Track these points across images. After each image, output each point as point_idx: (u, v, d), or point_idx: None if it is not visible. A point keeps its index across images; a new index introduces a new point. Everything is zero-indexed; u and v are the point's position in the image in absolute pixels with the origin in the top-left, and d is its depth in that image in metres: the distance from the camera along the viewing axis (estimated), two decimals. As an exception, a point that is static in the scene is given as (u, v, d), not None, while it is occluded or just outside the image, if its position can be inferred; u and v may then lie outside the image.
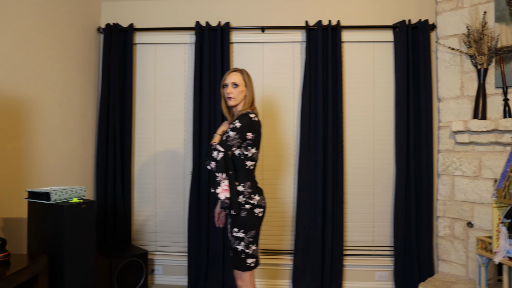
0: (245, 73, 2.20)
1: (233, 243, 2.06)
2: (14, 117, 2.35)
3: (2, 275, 1.65)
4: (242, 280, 2.08)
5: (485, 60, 2.71)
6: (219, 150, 2.01)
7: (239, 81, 2.14)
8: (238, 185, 2.07)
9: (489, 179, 2.72)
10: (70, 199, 2.19)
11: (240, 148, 2.08)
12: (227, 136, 2.03)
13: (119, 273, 2.81)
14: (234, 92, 2.13)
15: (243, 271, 2.06)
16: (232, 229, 2.06)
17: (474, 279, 2.81)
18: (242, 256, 2.05)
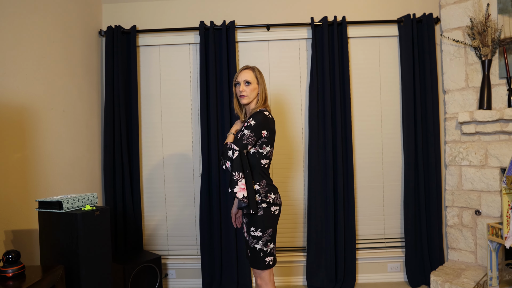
0: (257, 70, 2.10)
1: (251, 243, 1.98)
2: (18, 126, 2.18)
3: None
4: (261, 279, 2.00)
5: (489, 52, 2.67)
6: (234, 149, 1.92)
7: (251, 79, 2.04)
8: (254, 184, 1.98)
9: (496, 167, 2.70)
10: (82, 206, 2.07)
11: (255, 146, 1.99)
12: (242, 135, 1.94)
13: (133, 279, 2.66)
14: (247, 90, 2.03)
15: (262, 270, 1.98)
16: (249, 228, 1.99)
17: (483, 265, 2.79)
18: (260, 255, 1.97)
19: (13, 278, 1.67)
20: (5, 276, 1.67)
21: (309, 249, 2.99)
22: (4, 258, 1.70)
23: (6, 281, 1.64)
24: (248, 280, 2.99)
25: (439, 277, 2.68)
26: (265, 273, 1.99)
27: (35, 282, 1.63)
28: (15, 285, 1.59)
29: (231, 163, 1.91)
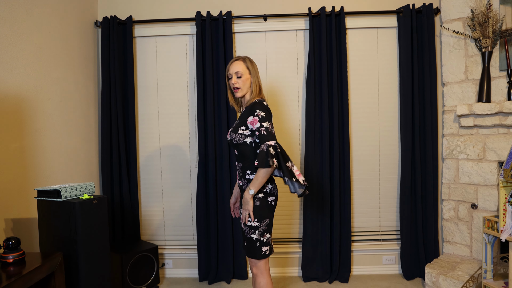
0: (248, 60, 2.13)
1: (247, 233, 2.06)
2: (16, 116, 2.30)
3: (18, 274, 1.66)
4: (257, 268, 2.10)
5: (490, 43, 2.72)
6: (272, 145, 1.95)
7: (242, 70, 2.08)
8: (251, 174, 2.08)
9: (493, 161, 2.77)
10: (80, 195, 2.19)
11: (251, 136, 2.06)
12: (265, 129, 1.96)
13: (131, 268, 2.81)
14: (239, 82, 2.08)
15: (258, 260, 2.07)
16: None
17: (478, 259, 2.89)
18: (257, 245, 2.05)
19: (14, 264, 1.78)
20: (6, 261, 1.78)
21: (305, 240, 3.11)
22: (5, 245, 1.81)
23: (7, 266, 1.75)
24: (244, 270, 3.14)
25: (433, 269, 2.80)
26: (261, 263, 2.09)
27: (35, 268, 1.74)
28: (16, 270, 1.70)
29: (277, 158, 1.96)
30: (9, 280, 1.58)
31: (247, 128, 2.03)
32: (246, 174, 2.09)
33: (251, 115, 2.00)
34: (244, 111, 2.10)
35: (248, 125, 2.02)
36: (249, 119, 2.01)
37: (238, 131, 2.05)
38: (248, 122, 2.02)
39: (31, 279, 1.72)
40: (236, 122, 2.10)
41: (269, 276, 2.12)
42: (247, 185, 2.08)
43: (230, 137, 2.10)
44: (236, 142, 2.07)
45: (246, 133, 2.04)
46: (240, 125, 2.06)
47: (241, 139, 2.05)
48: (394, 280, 3.09)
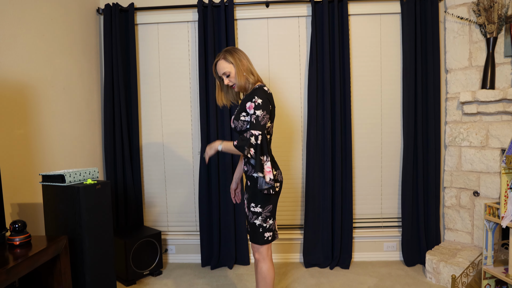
0: (228, 53, 2.07)
1: (251, 218, 2.09)
2: (20, 103, 2.35)
3: (25, 256, 1.71)
4: (259, 254, 2.13)
5: (495, 29, 2.71)
6: (256, 134, 1.95)
7: (227, 69, 2.06)
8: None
9: (496, 148, 2.78)
10: (84, 180, 2.24)
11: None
12: (256, 117, 1.95)
13: (134, 254, 2.88)
14: (232, 80, 2.08)
15: (261, 245, 2.11)
16: (250, 204, 2.08)
17: (479, 246, 2.92)
18: (260, 231, 2.08)
19: (20, 246, 1.84)
20: (13, 244, 1.85)
21: (306, 227, 3.16)
22: (11, 228, 1.88)
23: (14, 248, 1.82)
24: (246, 256, 3.20)
25: (434, 256, 2.84)
26: (263, 248, 2.12)
27: (41, 250, 1.81)
28: (22, 252, 1.76)
29: (255, 149, 1.96)
30: (16, 261, 1.64)
31: (247, 114, 2.03)
32: (250, 159, 2.09)
33: (249, 100, 2.01)
34: (244, 98, 2.11)
35: (247, 111, 2.02)
36: (247, 104, 2.02)
37: (240, 118, 2.05)
38: (247, 108, 2.02)
39: (37, 261, 1.78)
40: (237, 109, 2.12)
41: (271, 261, 2.15)
42: (251, 171, 2.08)
43: (233, 125, 2.10)
44: (240, 129, 2.07)
45: (247, 119, 2.04)
46: (241, 111, 2.06)
47: (244, 125, 2.05)
48: (395, 267, 3.13)
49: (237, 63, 2.05)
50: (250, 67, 2.10)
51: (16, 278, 1.63)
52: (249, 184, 2.11)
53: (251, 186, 2.09)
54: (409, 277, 2.93)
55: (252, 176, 2.08)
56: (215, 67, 2.12)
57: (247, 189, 2.14)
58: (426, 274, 2.90)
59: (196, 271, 3.16)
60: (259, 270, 2.14)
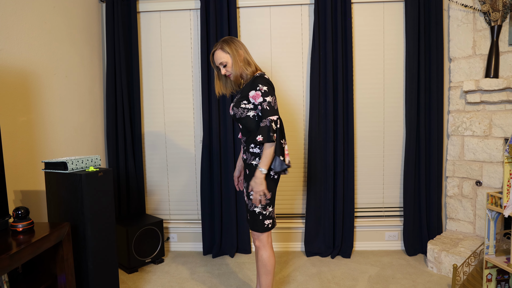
0: (225, 44, 2.07)
1: (250, 206, 2.10)
2: (23, 90, 2.33)
3: (28, 242, 1.71)
4: (259, 241, 2.14)
5: (499, 17, 2.68)
6: (275, 120, 1.97)
7: (224, 59, 2.07)
8: (254, 147, 2.08)
9: (499, 138, 2.76)
10: (86, 168, 2.23)
11: (254, 110, 2.05)
12: (268, 103, 1.97)
13: (136, 241, 2.88)
14: (228, 70, 2.09)
15: (261, 233, 2.12)
16: (250, 192, 2.08)
17: (481, 236, 2.91)
18: (260, 218, 2.09)
19: (23, 233, 1.84)
20: (16, 230, 1.84)
21: (308, 216, 3.16)
22: (14, 214, 1.87)
23: (17, 235, 1.81)
24: (248, 244, 3.20)
25: (436, 246, 2.83)
26: (264, 236, 2.13)
27: (44, 236, 1.80)
28: (25, 239, 1.75)
29: (275, 133, 1.97)
30: (19, 247, 1.63)
31: (249, 102, 2.03)
32: (250, 147, 2.09)
33: (253, 89, 2.00)
34: (245, 86, 2.10)
35: (250, 99, 2.02)
36: (251, 93, 2.01)
37: (240, 106, 2.05)
38: (250, 96, 2.02)
39: (40, 247, 1.77)
40: (237, 96, 2.10)
41: (271, 249, 2.16)
42: (250, 159, 2.09)
43: (233, 112, 2.11)
44: (239, 117, 2.08)
45: (248, 106, 2.04)
46: (242, 99, 2.06)
47: (244, 113, 2.05)
48: (396, 256, 3.13)
49: (233, 54, 2.05)
50: (247, 58, 2.10)
51: (19, 264, 1.63)
52: (248, 173, 2.12)
53: (249, 175, 2.10)
54: (411, 267, 2.92)
55: (251, 164, 2.08)
56: (212, 57, 2.14)
57: (246, 177, 2.15)
58: (428, 264, 2.89)
59: (198, 259, 3.17)
60: (260, 257, 2.15)
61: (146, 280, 2.79)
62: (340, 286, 2.63)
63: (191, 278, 2.82)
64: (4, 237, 1.78)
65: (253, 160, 2.08)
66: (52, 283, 1.97)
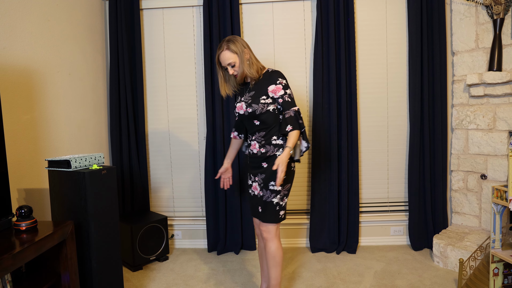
0: (231, 43, 2.04)
1: (268, 197, 2.06)
2: (26, 88, 2.27)
3: (31, 241, 1.66)
4: (269, 233, 2.10)
5: (502, 10, 2.62)
6: (297, 110, 2.04)
7: (232, 59, 2.04)
8: (277, 139, 2.08)
9: (504, 131, 2.70)
10: (90, 166, 2.17)
11: (274, 103, 2.06)
12: (289, 95, 2.04)
13: (141, 239, 2.81)
14: (236, 69, 2.07)
15: (275, 223, 2.09)
16: (268, 183, 2.06)
17: (487, 229, 2.84)
18: (276, 209, 2.07)
19: (26, 231, 1.78)
20: (19, 229, 1.78)
21: (313, 211, 3.08)
22: (17, 213, 1.81)
23: (20, 234, 1.75)
24: (252, 241, 3.13)
25: (441, 240, 2.76)
26: (274, 227, 2.10)
27: (47, 235, 1.74)
28: (29, 237, 1.70)
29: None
30: (22, 246, 1.58)
31: (268, 97, 2.04)
32: (272, 140, 2.08)
33: (272, 83, 2.03)
34: (259, 82, 2.08)
35: (269, 94, 2.04)
36: (270, 87, 2.03)
37: (260, 101, 2.04)
38: (270, 91, 2.03)
39: (43, 246, 1.72)
40: (251, 94, 2.08)
41: (279, 241, 2.14)
42: (273, 150, 2.07)
43: (251, 109, 2.06)
44: (259, 112, 2.05)
45: (268, 101, 2.04)
46: (260, 95, 2.05)
47: (264, 107, 2.04)
48: (402, 251, 3.05)
49: (240, 53, 2.04)
50: (251, 55, 2.10)
51: (23, 263, 1.58)
52: (266, 166, 2.08)
53: (268, 168, 2.07)
54: (416, 261, 2.85)
55: (274, 155, 2.06)
56: (218, 58, 2.10)
57: (262, 170, 2.10)
58: (434, 258, 2.81)
59: (203, 256, 3.09)
60: (268, 249, 2.11)
61: (150, 278, 2.72)
62: (345, 282, 2.56)
63: (196, 275, 2.75)
64: (7, 236, 1.73)
65: (277, 151, 2.07)
66: (56, 282, 1.91)
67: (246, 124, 2.20)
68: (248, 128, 2.19)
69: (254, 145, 2.14)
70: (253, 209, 2.20)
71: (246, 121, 2.16)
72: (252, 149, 2.16)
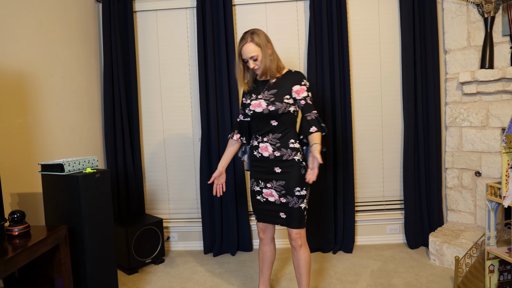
0: (255, 35, 1.93)
1: (295, 203, 1.97)
2: (19, 91, 2.24)
3: (24, 246, 1.63)
4: (302, 238, 2.03)
5: (492, 8, 2.62)
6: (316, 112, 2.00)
7: (255, 52, 1.92)
8: (294, 143, 2.00)
9: (497, 128, 2.69)
10: (83, 169, 2.14)
11: (294, 105, 1.99)
12: (310, 98, 2.00)
13: (136, 242, 2.77)
14: (258, 64, 1.95)
15: (303, 228, 2.02)
16: (293, 189, 1.97)
17: (482, 226, 2.82)
18: (304, 214, 2.00)
19: (19, 237, 1.75)
20: (12, 234, 1.75)
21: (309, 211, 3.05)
22: (10, 218, 1.78)
23: (13, 239, 1.72)
24: (248, 242, 3.10)
25: (437, 238, 2.74)
26: (304, 232, 2.04)
27: (40, 240, 1.71)
28: (21, 243, 1.67)
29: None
30: (15, 252, 1.55)
31: (291, 97, 1.96)
32: (289, 143, 1.99)
33: (297, 84, 1.97)
34: (281, 81, 2.00)
35: (292, 94, 1.97)
36: (295, 87, 1.97)
37: (283, 100, 1.94)
38: (294, 91, 1.97)
39: (36, 251, 1.69)
40: (272, 92, 1.97)
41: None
42: (291, 154, 1.98)
43: (273, 107, 1.93)
44: (282, 112, 1.94)
45: (290, 102, 1.96)
46: (284, 93, 1.96)
47: (287, 108, 1.95)
48: (398, 249, 3.03)
49: (263, 46, 1.93)
50: (273, 51, 2.00)
51: (15, 268, 1.55)
52: (281, 171, 1.99)
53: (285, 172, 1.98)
54: (413, 260, 2.83)
55: (293, 160, 1.98)
56: (240, 51, 1.96)
57: (279, 177, 2.00)
58: (430, 256, 2.80)
59: (199, 258, 3.05)
60: (304, 255, 2.05)
61: (146, 281, 2.68)
62: (342, 282, 2.54)
63: (192, 277, 2.71)
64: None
65: (295, 156, 1.98)
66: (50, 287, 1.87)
67: (257, 124, 2.06)
68: (259, 128, 2.05)
69: (266, 148, 2.01)
70: (268, 216, 2.08)
71: (260, 121, 2.02)
72: (262, 151, 2.03)
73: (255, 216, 2.18)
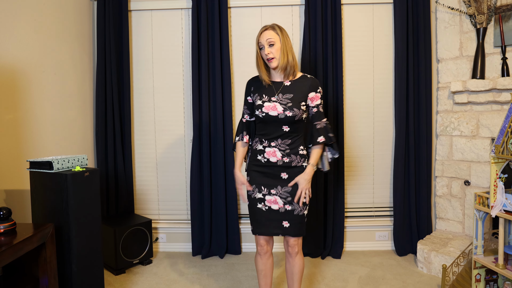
0: (277, 27, 1.90)
1: (300, 210, 1.95)
2: (10, 87, 2.22)
3: (9, 244, 1.60)
4: (299, 246, 2.02)
5: (485, 19, 2.66)
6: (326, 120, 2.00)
7: (272, 37, 1.86)
8: (303, 149, 1.99)
9: (486, 138, 2.72)
10: (73, 167, 2.12)
11: (306, 112, 1.97)
12: (322, 106, 2.00)
13: (124, 242, 2.76)
14: (273, 52, 1.87)
15: (303, 235, 2.01)
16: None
17: (470, 235, 2.85)
18: (305, 221, 2.00)
19: (4, 234, 1.72)
20: (-3, 231, 1.73)
21: (299, 216, 3.07)
22: (-4, 215, 1.77)
23: (-2, 236, 1.70)
24: (237, 245, 3.10)
25: (425, 246, 2.77)
26: (301, 240, 2.03)
27: (26, 238, 1.69)
28: (7, 240, 1.65)
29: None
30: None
31: (305, 104, 1.93)
32: (299, 150, 1.95)
33: (313, 91, 1.94)
34: (295, 85, 1.94)
35: (307, 101, 1.95)
36: (311, 94, 1.94)
37: (300, 107, 1.90)
38: (309, 98, 1.95)
39: (22, 249, 1.67)
40: (288, 96, 1.90)
41: None
42: (300, 161, 1.95)
43: (291, 113, 1.88)
44: (298, 118, 1.90)
45: (304, 108, 1.93)
46: (300, 99, 1.91)
47: (302, 114, 1.92)
48: (387, 256, 3.05)
49: (283, 38, 1.88)
50: (293, 52, 1.94)
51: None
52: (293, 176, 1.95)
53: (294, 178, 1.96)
54: (401, 267, 2.85)
55: (302, 166, 1.96)
56: (259, 36, 1.91)
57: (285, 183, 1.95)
58: (418, 264, 2.82)
59: (187, 260, 3.05)
60: (299, 262, 2.04)
61: (133, 281, 2.67)
62: (330, 287, 2.55)
63: (180, 279, 2.70)
64: (-16, 239, 1.67)
65: (304, 162, 1.96)
66: (34, 286, 1.85)
67: (264, 127, 1.98)
68: (267, 132, 1.97)
69: (274, 153, 1.94)
70: (270, 227, 1.97)
71: (270, 125, 1.95)
72: (269, 156, 1.95)
73: (253, 230, 2.03)
